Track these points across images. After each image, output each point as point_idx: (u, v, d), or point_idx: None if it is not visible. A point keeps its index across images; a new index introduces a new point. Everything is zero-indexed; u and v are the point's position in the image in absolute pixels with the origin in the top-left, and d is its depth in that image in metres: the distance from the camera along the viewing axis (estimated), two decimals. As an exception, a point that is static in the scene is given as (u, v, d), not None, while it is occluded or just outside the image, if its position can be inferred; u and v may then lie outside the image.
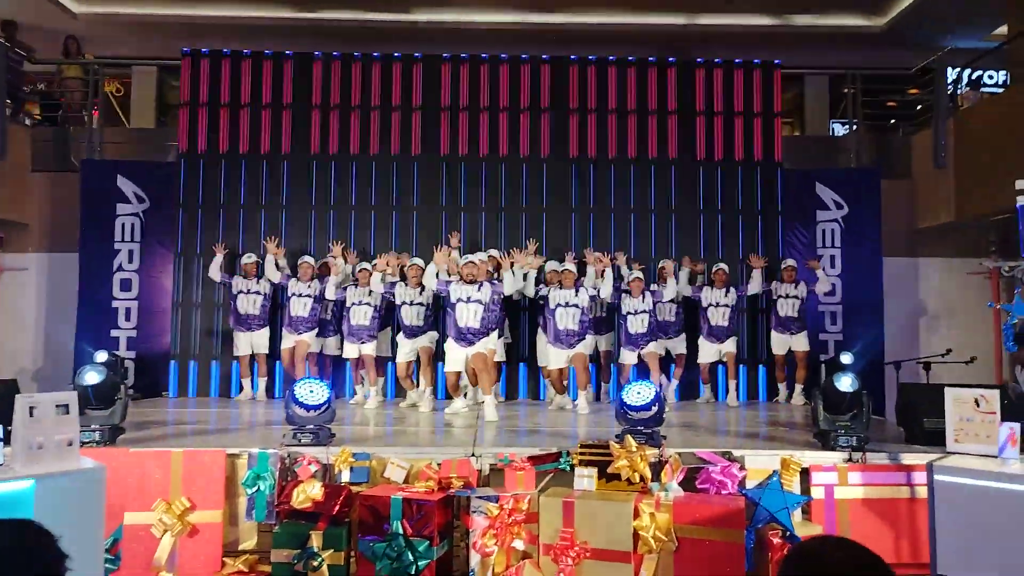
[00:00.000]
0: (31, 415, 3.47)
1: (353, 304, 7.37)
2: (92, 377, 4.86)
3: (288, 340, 7.67)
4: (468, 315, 6.49)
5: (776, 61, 8.94)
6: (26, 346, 9.04)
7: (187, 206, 8.53)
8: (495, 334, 6.75)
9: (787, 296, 7.92)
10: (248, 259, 7.92)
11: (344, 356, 7.62)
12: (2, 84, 8.56)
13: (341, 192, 8.61)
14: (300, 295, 7.59)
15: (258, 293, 7.80)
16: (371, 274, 7.18)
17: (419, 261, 7.21)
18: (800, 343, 7.91)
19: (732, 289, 7.92)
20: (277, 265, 7.84)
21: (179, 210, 8.53)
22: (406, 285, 7.15)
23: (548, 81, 8.82)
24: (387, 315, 7.67)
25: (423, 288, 6.99)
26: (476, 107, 8.72)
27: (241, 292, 7.79)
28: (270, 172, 8.61)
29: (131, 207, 8.68)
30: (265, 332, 7.89)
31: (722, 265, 8.01)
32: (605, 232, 8.61)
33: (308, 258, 7.84)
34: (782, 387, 8.03)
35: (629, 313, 7.40)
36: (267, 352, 7.97)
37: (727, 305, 7.82)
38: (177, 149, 8.72)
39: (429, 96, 8.74)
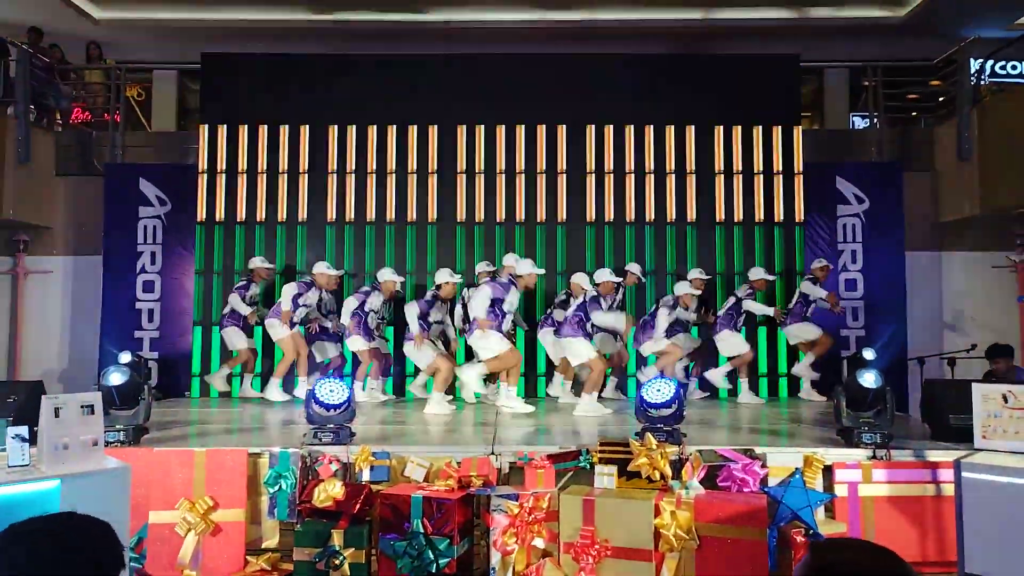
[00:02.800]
0: (57, 416, 3.53)
1: (371, 311, 7.47)
2: (116, 378, 4.92)
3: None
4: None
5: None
6: (51, 348, 9.18)
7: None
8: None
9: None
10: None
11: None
12: (27, 90, 8.69)
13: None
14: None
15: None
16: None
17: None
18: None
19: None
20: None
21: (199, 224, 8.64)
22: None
23: (564, 81, 8.80)
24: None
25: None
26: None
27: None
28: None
29: (153, 210, 8.78)
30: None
31: (762, 275, 7.86)
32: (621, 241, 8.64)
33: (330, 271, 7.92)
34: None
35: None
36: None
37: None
38: (196, 153, 8.82)
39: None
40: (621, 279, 7.53)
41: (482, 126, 8.71)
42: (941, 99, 10.02)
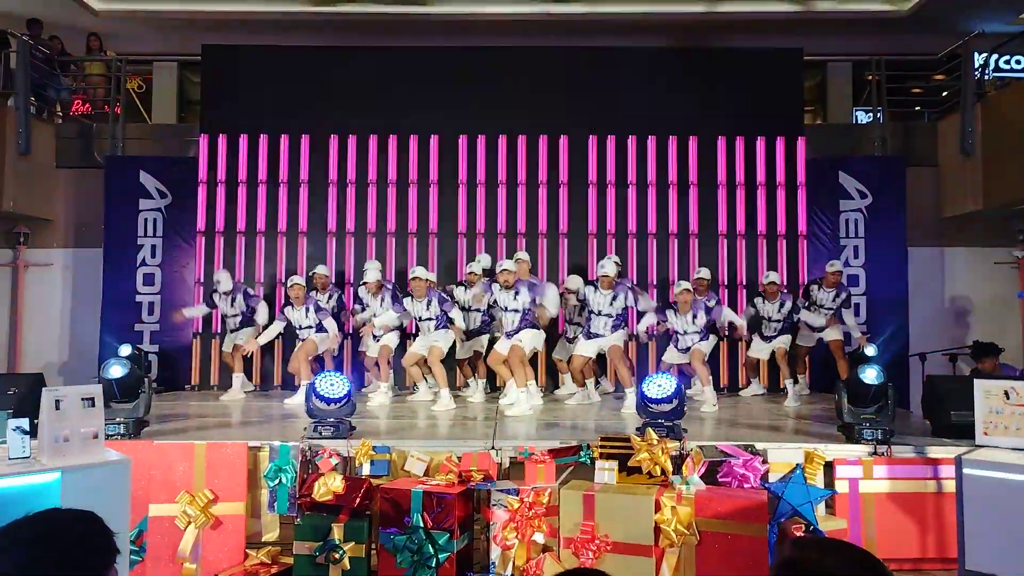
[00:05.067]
0: (57, 408, 3.52)
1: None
2: (117, 371, 4.92)
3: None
4: (507, 320, 6.77)
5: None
6: (51, 340, 9.18)
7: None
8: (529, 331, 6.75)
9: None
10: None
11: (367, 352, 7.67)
12: (27, 82, 8.66)
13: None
14: (301, 327, 7.52)
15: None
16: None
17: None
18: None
19: (787, 302, 7.48)
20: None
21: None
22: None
23: (565, 73, 8.79)
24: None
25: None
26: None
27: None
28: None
29: (153, 202, 8.77)
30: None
31: (773, 277, 7.56)
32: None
33: (298, 279, 7.64)
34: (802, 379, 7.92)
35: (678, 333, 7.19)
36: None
37: (779, 320, 7.47)
38: (196, 147, 8.80)
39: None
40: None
41: (483, 135, 8.69)
42: (944, 94, 9.98)
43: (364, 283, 7.29)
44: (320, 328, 7.39)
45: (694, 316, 6.99)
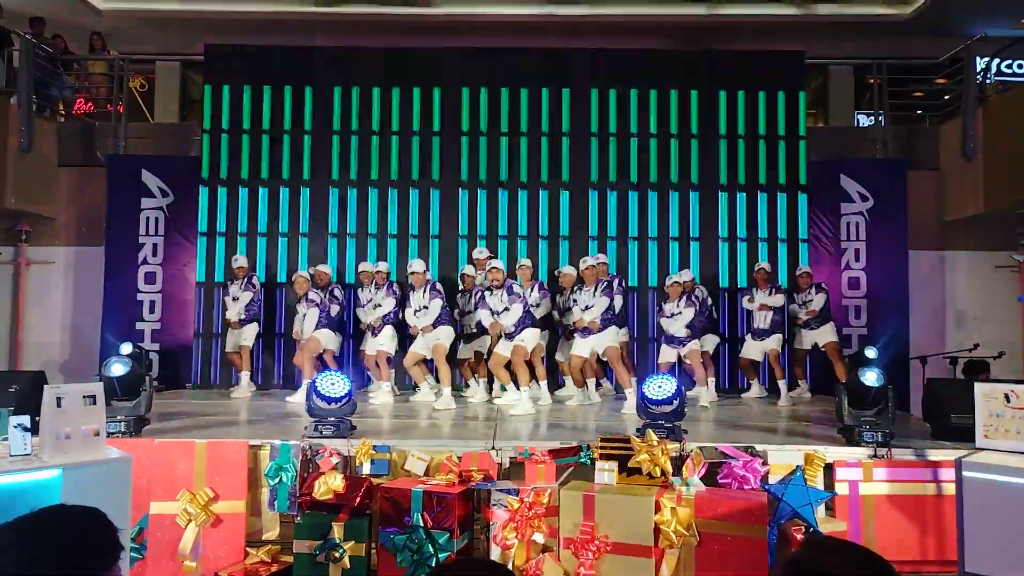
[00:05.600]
0: (59, 406, 3.53)
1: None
2: (118, 369, 4.92)
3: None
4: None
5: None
6: (53, 338, 9.19)
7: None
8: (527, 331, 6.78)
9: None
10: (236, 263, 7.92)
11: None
12: (30, 80, 8.68)
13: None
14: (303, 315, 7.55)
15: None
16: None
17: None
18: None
19: (776, 290, 7.63)
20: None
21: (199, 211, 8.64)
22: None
23: (567, 71, 8.81)
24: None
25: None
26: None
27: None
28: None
29: (155, 201, 8.78)
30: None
31: (763, 264, 7.76)
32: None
33: (303, 273, 7.77)
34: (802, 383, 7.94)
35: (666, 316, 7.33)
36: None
37: (772, 307, 7.54)
38: (198, 146, 8.81)
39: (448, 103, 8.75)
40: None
41: (484, 137, 8.70)
42: (946, 97, 9.98)
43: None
44: (319, 325, 7.41)
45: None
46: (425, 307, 6.97)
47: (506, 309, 6.72)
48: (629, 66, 8.83)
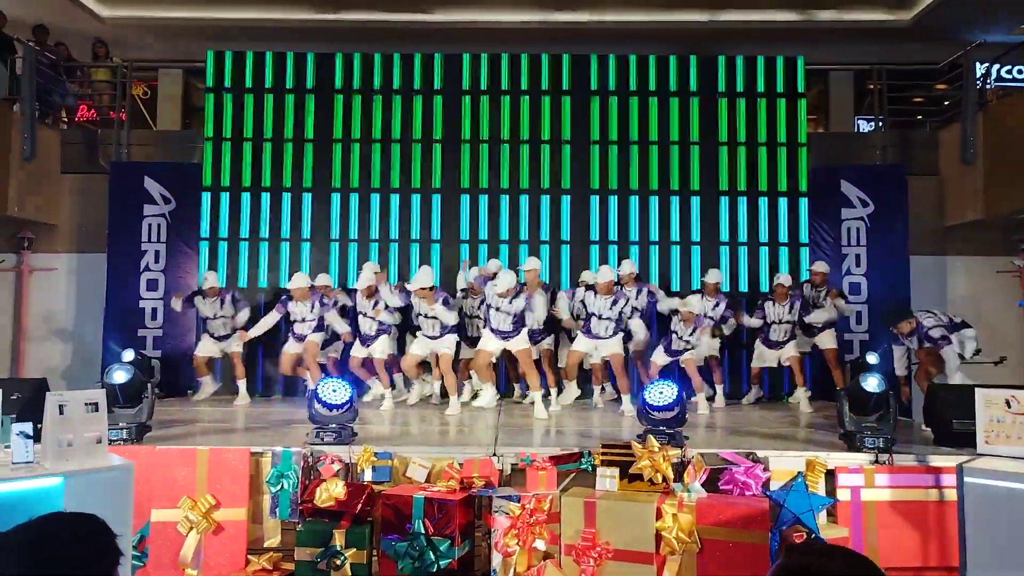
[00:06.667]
0: (61, 413, 3.54)
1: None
2: (120, 376, 4.93)
3: (294, 346, 7.54)
4: (500, 320, 6.80)
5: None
6: (55, 345, 9.20)
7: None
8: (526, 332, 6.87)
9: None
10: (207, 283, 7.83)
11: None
12: (32, 87, 8.71)
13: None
14: (304, 320, 7.49)
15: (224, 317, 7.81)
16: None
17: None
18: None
19: (796, 303, 7.51)
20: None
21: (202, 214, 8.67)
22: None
23: (568, 76, 8.84)
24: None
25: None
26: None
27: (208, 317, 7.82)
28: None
29: (157, 208, 8.79)
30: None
31: (781, 279, 7.56)
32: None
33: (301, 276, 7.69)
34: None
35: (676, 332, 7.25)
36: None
37: (790, 321, 7.47)
38: (200, 153, 8.85)
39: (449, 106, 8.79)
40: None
41: (485, 143, 8.73)
42: (946, 103, 10.00)
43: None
44: (319, 327, 7.42)
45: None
46: (434, 316, 6.98)
47: (507, 313, 6.73)
48: (630, 73, 8.87)
